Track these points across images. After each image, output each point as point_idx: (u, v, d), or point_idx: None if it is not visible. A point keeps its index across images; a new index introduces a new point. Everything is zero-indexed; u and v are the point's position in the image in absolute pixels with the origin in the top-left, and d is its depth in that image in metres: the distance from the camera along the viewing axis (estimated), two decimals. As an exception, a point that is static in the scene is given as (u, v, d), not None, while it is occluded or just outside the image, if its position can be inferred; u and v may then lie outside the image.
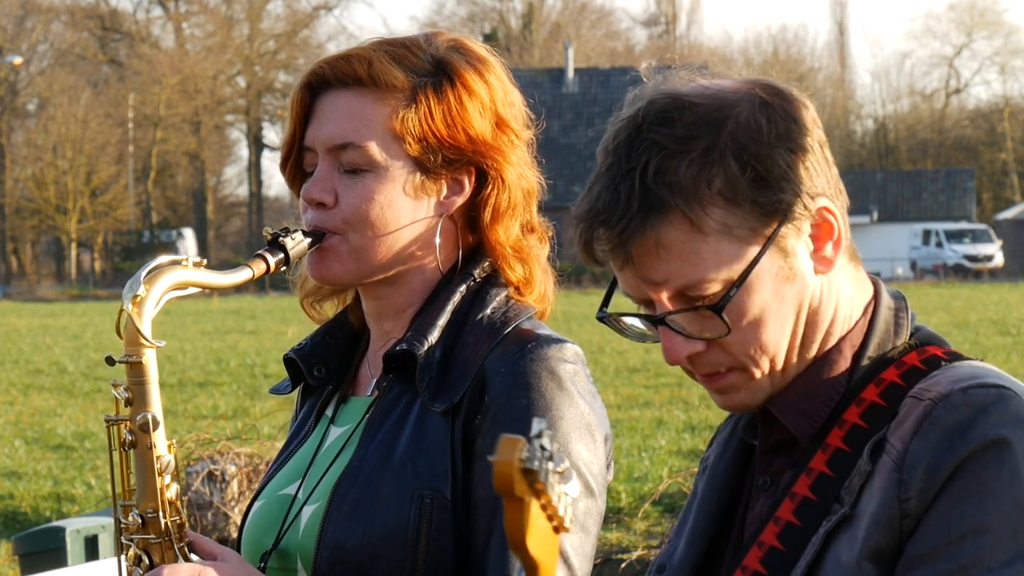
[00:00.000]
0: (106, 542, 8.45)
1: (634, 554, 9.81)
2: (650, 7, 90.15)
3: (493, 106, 2.56)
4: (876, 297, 2.09)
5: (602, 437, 2.49)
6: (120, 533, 2.47)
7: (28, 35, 74.80)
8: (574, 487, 1.62)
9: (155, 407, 2.43)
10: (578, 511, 2.44)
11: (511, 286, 2.57)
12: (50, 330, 34.30)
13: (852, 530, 1.94)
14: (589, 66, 71.16)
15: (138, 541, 2.45)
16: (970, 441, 1.90)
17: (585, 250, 2.01)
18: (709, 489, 2.15)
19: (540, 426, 1.57)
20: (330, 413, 2.64)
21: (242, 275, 2.48)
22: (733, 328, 1.98)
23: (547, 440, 1.57)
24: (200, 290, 2.47)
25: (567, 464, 1.60)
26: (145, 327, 2.40)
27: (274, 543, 2.55)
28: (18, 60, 69.45)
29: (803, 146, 1.99)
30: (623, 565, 9.64)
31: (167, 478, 2.44)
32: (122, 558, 2.47)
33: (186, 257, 2.44)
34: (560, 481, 1.59)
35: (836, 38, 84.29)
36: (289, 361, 2.67)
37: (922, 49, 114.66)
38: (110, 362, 2.42)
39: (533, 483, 1.56)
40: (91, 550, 8.36)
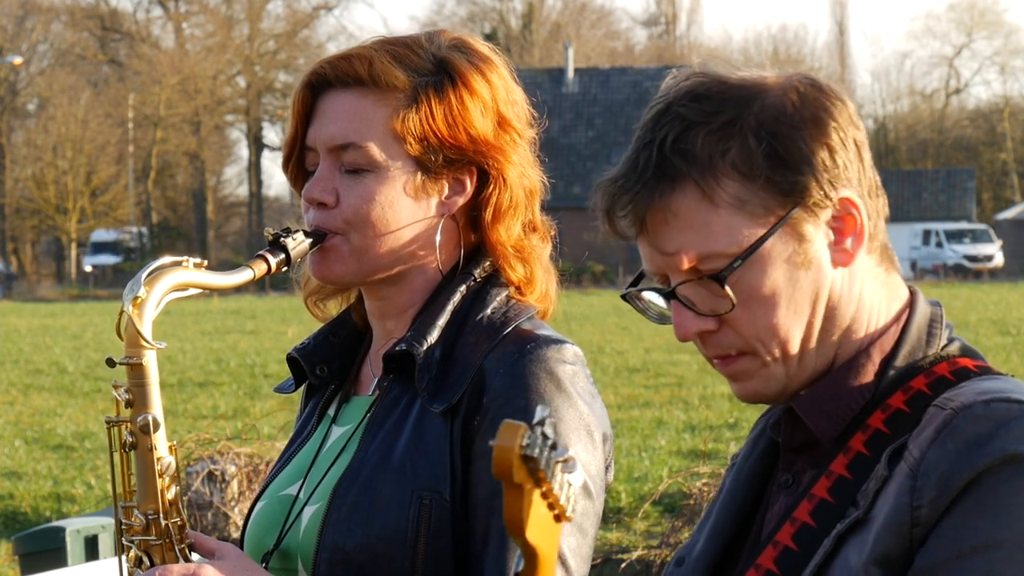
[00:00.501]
0: (106, 542, 8.45)
1: (634, 554, 9.81)
2: (650, 7, 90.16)
3: (495, 105, 2.55)
4: (912, 305, 2.06)
5: (601, 438, 2.49)
6: (121, 534, 2.46)
7: (28, 35, 74.75)
8: (578, 476, 1.60)
9: (156, 409, 2.43)
10: (576, 512, 2.44)
11: (512, 286, 2.57)
12: (50, 330, 34.27)
13: (863, 534, 1.93)
14: (589, 66, 71.11)
15: (139, 542, 2.44)
16: (988, 454, 1.88)
17: (605, 218, 2.01)
18: (734, 486, 2.15)
19: (543, 414, 1.56)
20: (332, 413, 2.64)
21: (243, 276, 2.49)
22: (740, 305, 1.97)
23: (549, 428, 1.56)
24: (201, 291, 2.47)
25: (571, 453, 1.59)
26: (145, 329, 2.40)
27: (275, 544, 2.55)
28: (18, 60, 69.42)
29: (829, 135, 1.98)
30: (623, 565, 9.64)
31: (168, 479, 2.43)
32: (123, 559, 2.46)
33: (187, 258, 2.44)
34: (563, 470, 1.58)
35: (836, 38, 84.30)
36: (292, 360, 2.67)
37: (922, 49, 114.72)
38: (110, 364, 2.42)
39: (534, 470, 1.55)
40: (91, 550, 8.35)
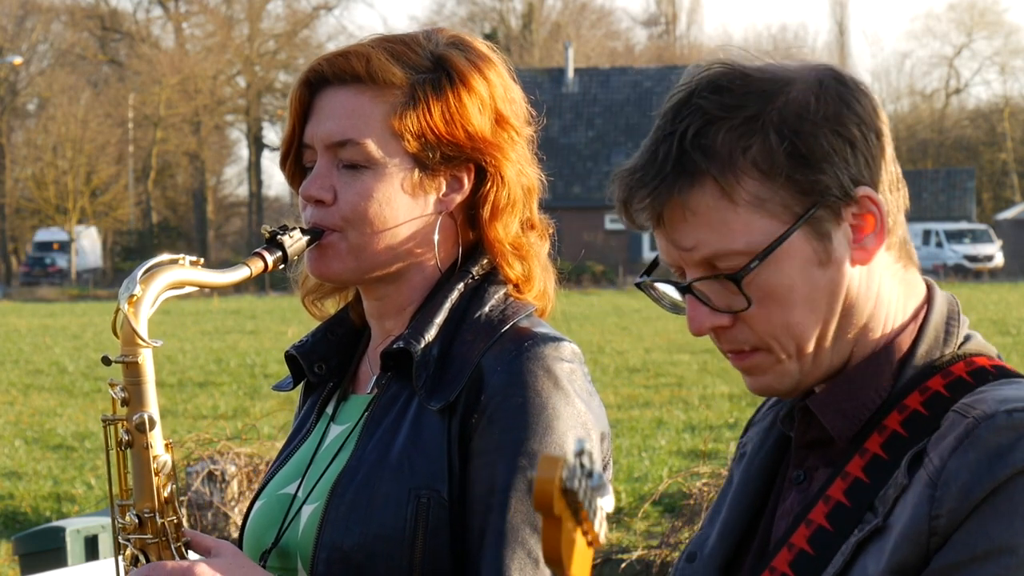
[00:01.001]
0: (106, 542, 8.45)
1: (634, 554, 9.81)
2: (650, 7, 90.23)
3: (493, 103, 2.55)
4: (929, 302, 2.05)
5: (599, 436, 2.49)
6: (117, 533, 2.46)
7: (28, 35, 74.78)
8: (609, 501, 1.60)
9: (152, 407, 2.42)
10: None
11: (510, 283, 2.56)
12: (50, 330, 34.29)
13: (882, 542, 1.90)
14: (589, 66, 71.14)
15: (135, 541, 2.44)
16: (1009, 465, 1.86)
17: (623, 210, 1.98)
18: (744, 480, 2.12)
19: (582, 444, 1.56)
20: (330, 411, 2.64)
21: (239, 274, 2.48)
22: (755, 303, 1.94)
23: (587, 458, 1.56)
24: (198, 289, 2.46)
25: (604, 478, 1.59)
26: (141, 327, 2.39)
27: (274, 542, 2.55)
28: (18, 60, 69.44)
29: (851, 131, 1.95)
30: (623, 565, 9.64)
31: (164, 478, 2.43)
32: (119, 558, 2.46)
33: (183, 256, 2.44)
34: (597, 495, 1.58)
35: (836, 38, 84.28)
36: (290, 358, 2.66)
37: (922, 49, 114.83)
38: (106, 362, 2.41)
39: (573, 502, 1.55)
40: (91, 550, 8.35)
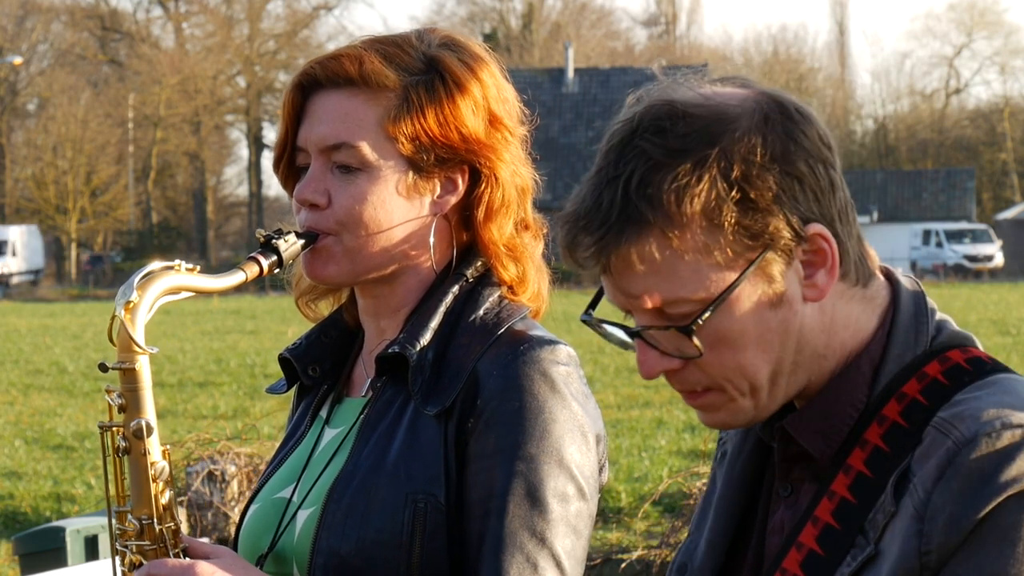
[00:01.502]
0: (106, 542, 8.39)
1: (634, 554, 9.81)
2: (650, 7, 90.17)
3: (486, 103, 2.54)
4: (895, 302, 1.99)
5: (595, 438, 2.49)
6: (115, 539, 2.45)
7: (28, 35, 74.76)
8: None
9: (149, 413, 2.41)
10: (570, 514, 2.44)
11: (504, 285, 2.55)
12: (50, 330, 34.28)
13: (874, 573, 1.88)
14: (589, 66, 71.09)
15: (133, 547, 2.43)
16: (993, 492, 1.83)
17: (568, 253, 1.94)
18: (727, 486, 2.09)
19: None
20: (324, 414, 2.63)
21: (235, 278, 2.47)
22: (707, 350, 1.90)
23: None
24: (194, 294, 2.46)
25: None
26: (138, 333, 2.39)
27: (269, 547, 2.54)
28: (18, 60, 69.43)
29: (800, 168, 1.89)
30: (623, 565, 9.64)
31: (161, 484, 2.42)
32: (117, 565, 2.45)
33: (179, 262, 2.43)
34: None
35: (836, 38, 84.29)
36: (284, 361, 2.65)
37: (922, 49, 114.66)
38: (103, 369, 2.40)
39: None
40: (91, 550, 8.34)
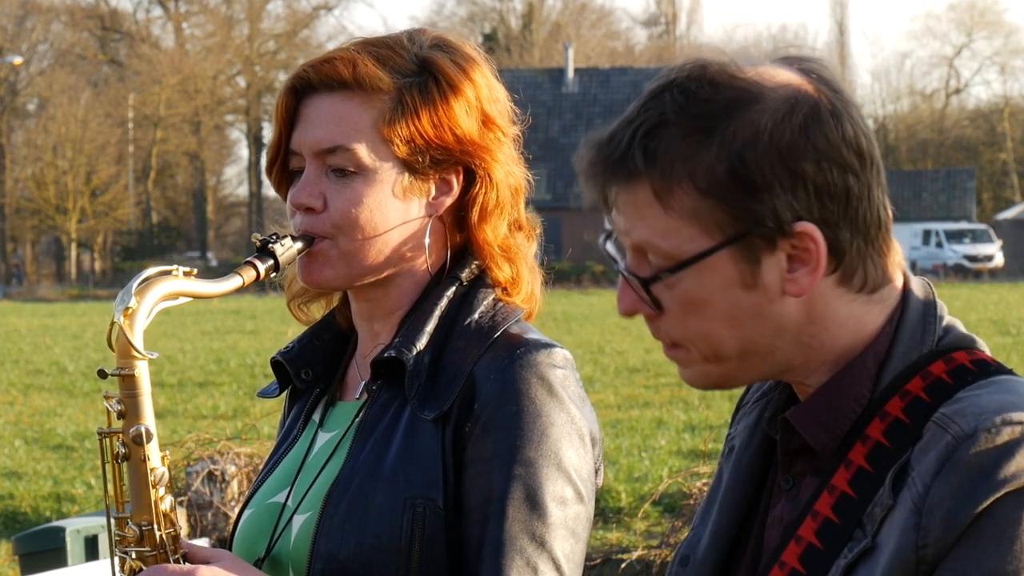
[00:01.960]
0: (106, 542, 8.43)
1: (634, 554, 9.81)
2: (650, 7, 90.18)
3: (479, 104, 2.54)
4: (904, 300, 2.01)
5: (591, 441, 2.49)
6: (115, 545, 2.45)
7: (28, 35, 74.74)
8: None
9: (148, 419, 2.41)
10: (569, 517, 2.45)
11: (498, 287, 2.55)
12: (50, 330, 34.27)
13: (870, 565, 1.88)
14: (589, 66, 71.13)
15: (133, 553, 2.42)
16: (992, 487, 1.83)
17: (581, 176, 2.00)
18: (733, 480, 2.10)
19: None
20: (317, 418, 2.62)
21: (232, 283, 2.47)
22: (677, 309, 1.94)
23: None
24: (192, 299, 2.46)
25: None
26: (137, 339, 2.38)
27: (265, 552, 2.54)
28: (18, 60, 69.39)
29: (803, 166, 1.90)
30: (623, 565, 9.64)
31: (161, 490, 2.42)
32: (117, 571, 2.44)
33: (176, 267, 2.43)
34: None
35: (836, 38, 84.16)
36: (277, 364, 2.65)
37: (922, 49, 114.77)
38: (102, 375, 2.40)
39: None
40: (91, 550, 8.34)
